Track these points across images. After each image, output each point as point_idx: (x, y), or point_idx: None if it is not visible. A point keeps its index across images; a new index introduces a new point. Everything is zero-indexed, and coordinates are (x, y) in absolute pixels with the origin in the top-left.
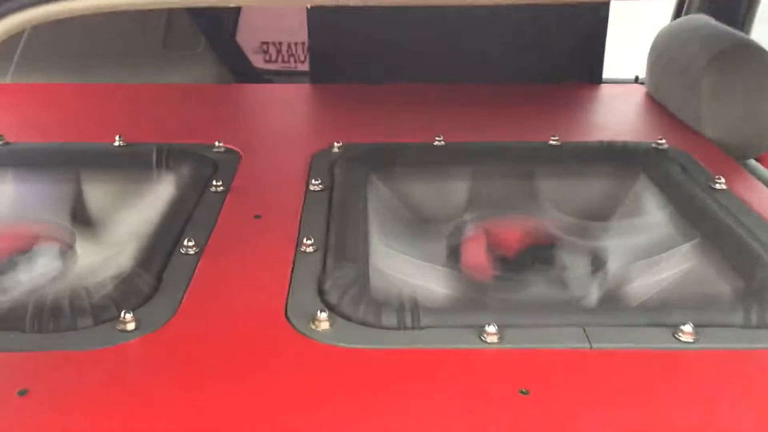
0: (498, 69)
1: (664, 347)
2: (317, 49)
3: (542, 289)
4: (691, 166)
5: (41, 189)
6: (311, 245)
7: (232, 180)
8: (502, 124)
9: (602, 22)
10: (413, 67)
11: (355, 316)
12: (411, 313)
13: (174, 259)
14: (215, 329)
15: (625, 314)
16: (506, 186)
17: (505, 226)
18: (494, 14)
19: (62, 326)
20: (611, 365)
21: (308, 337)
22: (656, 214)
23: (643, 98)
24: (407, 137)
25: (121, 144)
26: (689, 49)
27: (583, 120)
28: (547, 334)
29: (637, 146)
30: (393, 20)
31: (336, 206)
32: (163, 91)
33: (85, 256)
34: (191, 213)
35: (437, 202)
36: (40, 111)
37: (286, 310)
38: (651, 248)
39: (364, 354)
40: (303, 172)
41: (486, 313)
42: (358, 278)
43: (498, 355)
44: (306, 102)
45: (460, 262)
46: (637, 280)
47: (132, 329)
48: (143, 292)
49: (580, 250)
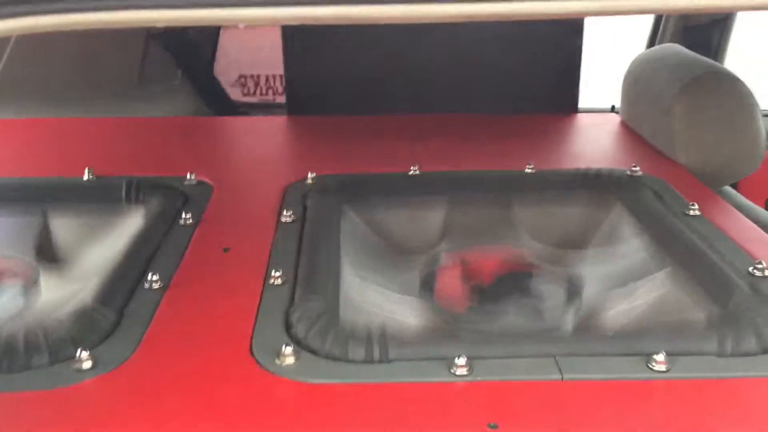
0: (474, 100)
1: (636, 377)
2: (294, 81)
3: (515, 319)
4: (665, 192)
5: (6, 224)
6: (279, 277)
7: (202, 212)
8: (478, 154)
9: (577, 52)
10: (390, 99)
11: (322, 350)
12: (379, 345)
13: (137, 294)
14: (176, 367)
15: (597, 343)
16: (481, 214)
17: (480, 256)
18: (469, 45)
19: (16, 366)
20: (582, 396)
21: (272, 373)
22: (631, 241)
23: (619, 127)
24: (382, 167)
25: (90, 178)
26: (662, 77)
27: (559, 149)
28: (517, 365)
29: (611, 173)
30: (369, 52)
31: (307, 237)
32: (137, 125)
33: (49, 292)
34: (158, 246)
35: (411, 231)
36: (9, 146)
37: (251, 345)
38: (626, 276)
39: (329, 389)
40: (275, 204)
41: (456, 344)
42: (326, 310)
43: (467, 388)
44: (282, 134)
45: (434, 293)
46: (612, 308)
47: (88, 368)
48: (103, 328)
49: (555, 278)
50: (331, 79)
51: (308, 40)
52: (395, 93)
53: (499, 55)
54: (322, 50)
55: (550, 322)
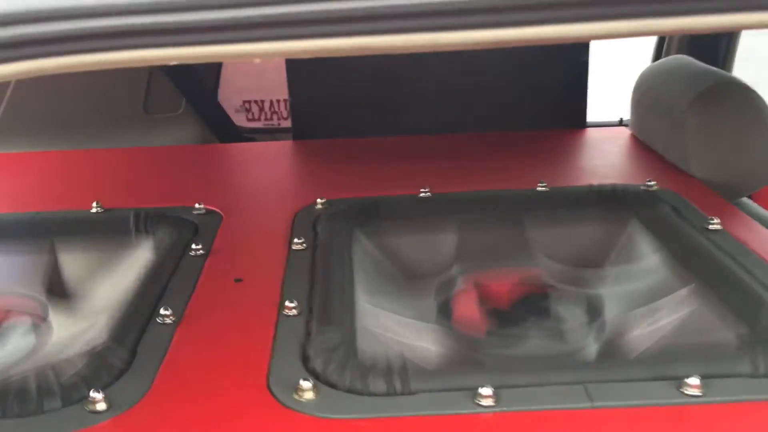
0: (481, 118)
1: (669, 402)
2: (298, 105)
3: (538, 344)
4: (683, 207)
5: (14, 260)
6: (294, 308)
7: (212, 242)
8: (488, 173)
9: (583, 66)
10: (396, 120)
11: (341, 384)
12: (400, 377)
13: (149, 329)
14: (192, 404)
15: (626, 368)
16: (495, 235)
17: (496, 278)
18: (474, 62)
19: (28, 410)
20: (615, 424)
21: (292, 409)
22: (650, 258)
23: (629, 140)
24: (392, 190)
25: (98, 210)
26: (672, 88)
27: (570, 165)
28: (545, 394)
29: (626, 189)
30: (374, 74)
31: (319, 265)
32: (142, 155)
33: (59, 330)
34: (169, 279)
35: (425, 255)
36: (15, 180)
37: (268, 380)
38: (647, 295)
39: (351, 425)
40: (285, 231)
41: (480, 373)
42: (344, 342)
43: (494, 420)
44: (288, 159)
45: (451, 319)
46: (636, 329)
47: (103, 409)
48: (115, 367)
49: (575, 299)
50: (336, 103)
51: (312, 64)
52: (401, 114)
53: (504, 72)
54: (326, 74)
55: (573, 346)
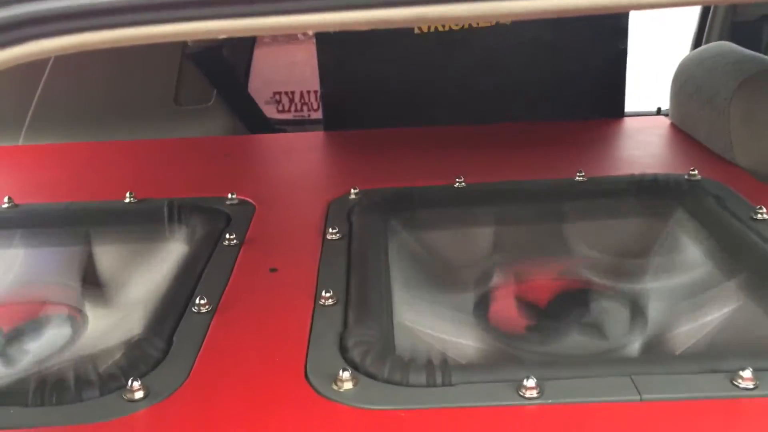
0: (516, 108)
1: (722, 395)
2: (330, 96)
3: (580, 338)
4: (727, 197)
5: (50, 251)
6: (330, 298)
7: (246, 232)
8: (524, 163)
9: (621, 55)
10: (428, 110)
11: (380, 375)
12: (441, 369)
13: (186, 319)
14: (229, 393)
15: (674, 361)
16: (533, 227)
17: (535, 271)
18: (508, 51)
19: (66, 399)
20: (665, 417)
21: (331, 399)
22: (695, 250)
23: (669, 130)
24: (426, 180)
25: (132, 201)
26: (715, 76)
27: (608, 155)
28: (591, 386)
29: (668, 179)
30: (405, 63)
31: (355, 255)
32: (174, 146)
33: (96, 321)
34: (203, 269)
35: (461, 246)
36: (50, 172)
37: (306, 370)
38: (693, 287)
39: (391, 416)
40: (319, 221)
41: (522, 366)
42: (382, 333)
43: (539, 412)
44: (320, 150)
45: (490, 312)
46: (682, 322)
47: (140, 398)
48: (152, 356)
49: (617, 293)
50: (368, 93)
51: (343, 55)
52: (433, 104)
53: (540, 61)
54: (357, 64)
55: (616, 342)
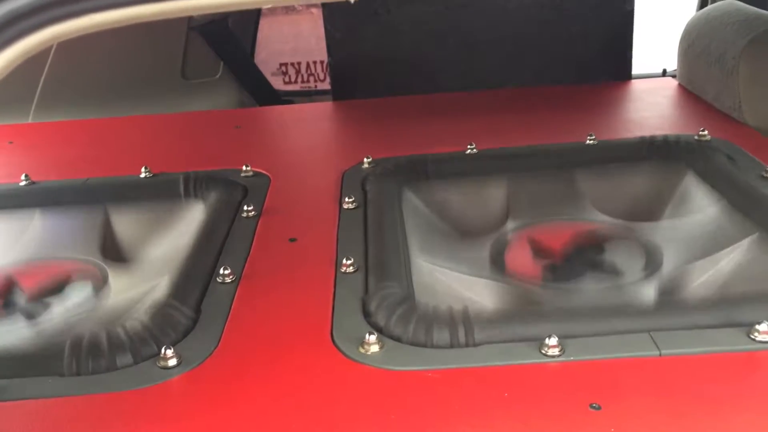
0: (523, 72)
1: (739, 349)
2: (338, 66)
3: (598, 295)
4: (738, 156)
5: (70, 226)
6: (351, 265)
7: (263, 204)
8: (534, 127)
9: (628, 17)
10: (436, 77)
11: (405, 337)
12: (464, 329)
13: (211, 288)
14: (260, 360)
15: (692, 316)
16: (545, 190)
17: (550, 232)
18: (513, 15)
19: (101, 367)
20: (684, 371)
21: (358, 362)
22: (707, 209)
23: (677, 91)
24: (438, 147)
25: (147, 175)
26: (723, 35)
27: (618, 117)
28: (611, 343)
29: (678, 139)
30: (412, 31)
31: (372, 223)
32: (185, 120)
33: (120, 292)
34: (224, 240)
35: (475, 211)
36: (64, 148)
37: (332, 335)
38: (706, 246)
39: (418, 376)
40: (335, 191)
41: (543, 324)
42: (404, 297)
43: (562, 369)
44: (331, 120)
45: (507, 272)
46: (698, 279)
47: (174, 365)
48: (182, 325)
49: (632, 251)
50: (375, 61)
51: (349, 24)
52: (441, 71)
53: (546, 24)
54: (364, 33)
55: (635, 296)
